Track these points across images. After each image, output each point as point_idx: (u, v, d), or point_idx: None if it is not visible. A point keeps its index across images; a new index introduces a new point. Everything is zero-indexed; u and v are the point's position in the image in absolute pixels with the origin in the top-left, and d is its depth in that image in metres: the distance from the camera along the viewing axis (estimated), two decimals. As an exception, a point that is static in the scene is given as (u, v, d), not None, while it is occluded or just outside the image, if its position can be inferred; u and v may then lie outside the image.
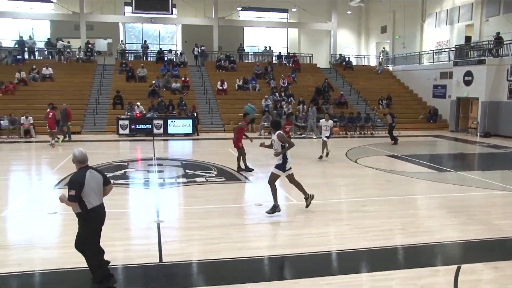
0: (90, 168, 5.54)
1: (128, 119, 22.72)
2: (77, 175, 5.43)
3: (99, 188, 5.52)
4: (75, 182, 5.33)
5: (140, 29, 38.87)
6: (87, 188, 5.33)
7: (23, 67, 27.61)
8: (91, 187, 5.38)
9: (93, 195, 5.41)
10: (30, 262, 6.37)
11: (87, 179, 5.37)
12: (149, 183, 11.72)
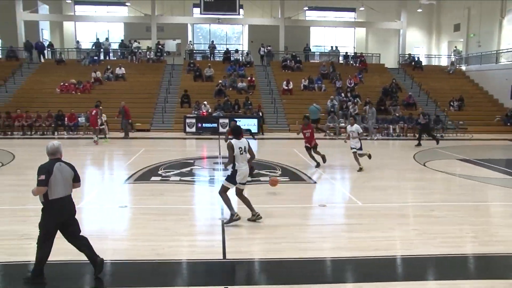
0: (60, 161, 5.71)
1: (195, 117, 23.28)
2: (45, 163, 5.65)
3: (65, 180, 5.64)
4: (44, 168, 5.52)
5: (208, 30, 39.73)
6: (53, 178, 5.50)
7: (99, 67, 29.13)
8: (57, 178, 5.53)
9: (58, 186, 5.55)
10: (102, 252, 6.68)
11: (55, 169, 5.54)
12: (214, 180, 11.94)
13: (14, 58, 31.11)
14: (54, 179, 5.51)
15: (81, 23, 38.35)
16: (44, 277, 5.72)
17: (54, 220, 5.62)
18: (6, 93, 26.51)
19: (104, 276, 6.00)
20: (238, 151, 7.85)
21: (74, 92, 26.44)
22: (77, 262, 6.11)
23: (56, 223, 5.65)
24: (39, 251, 5.65)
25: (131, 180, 11.68)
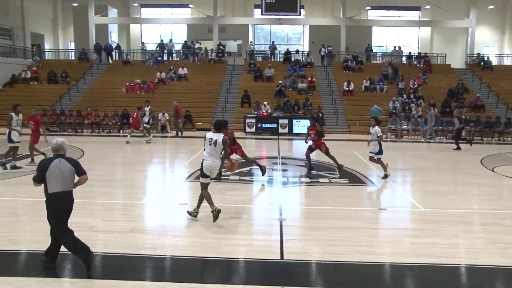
0: (62, 158, 5.87)
1: (255, 117, 23.47)
2: (45, 160, 6.00)
3: (63, 176, 5.77)
4: (40, 165, 5.84)
5: (269, 31, 39.93)
6: (49, 173, 5.69)
7: (163, 68, 30.07)
8: (54, 173, 5.70)
9: (55, 181, 5.71)
10: (163, 247, 6.91)
11: (52, 165, 5.73)
12: (273, 181, 11.98)
13: (85, 59, 32.79)
14: (50, 174, 5.72)
15: (147, 25, 39.78)
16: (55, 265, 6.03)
17: (54, 213, 5.86)
18: (78, 93, 27.97)
19: (164, 270, 6.20)
20: (208, 140, 7.89)
21: (139, 92, 27.45)
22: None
23: (57, 215, 5.87)
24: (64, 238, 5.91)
25: (191, 178, 11.95)
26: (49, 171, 5.72)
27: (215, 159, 8.04)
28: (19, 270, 6.14)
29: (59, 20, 39.52)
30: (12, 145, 12.83)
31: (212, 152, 7.96)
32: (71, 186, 5.93)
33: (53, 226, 5.91)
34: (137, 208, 9.11)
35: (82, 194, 10.12)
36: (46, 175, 5.71)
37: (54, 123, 23.49)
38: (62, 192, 5.79)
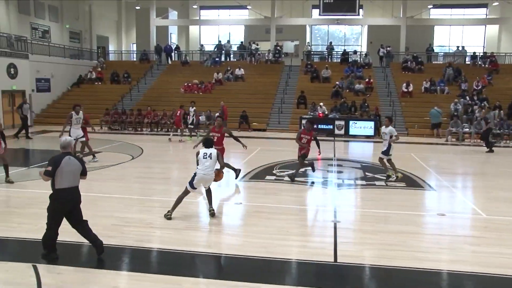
0: (70, 155, 6.22)
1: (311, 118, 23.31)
2: (56, 156, 6.16)
3: (73, 173, 6.13)
4: (53, 160, 6.08)
5: (326, 31, 39.55)
6: (59, 170, 5.99)
7: (220, 69, 30.51)
8: (64, 170, 6.02)
9: (64, 178, 6.04)
10: (217, 245, 7.02)
11: (63, 162, 6.03)
12: (328, 182, 11.86)
13: (146, 60, 33.91)
14: (60, 171, 6.03)
15: (205, 27, 40.57)
16: (57, 254, 6.30)
17: (58, 207, 6.16)
18: (138, 92, 28.97)
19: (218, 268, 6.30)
20: (202, 155, 8.26)
21: (196, 92, 28.00)
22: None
23: (60, 210, 6.18)
24: (46, 231, 6.23)
25: (246, 178, 12.07)
26: (59, 168, 6.04)
27: (210, 172, 8.34)
28: (80, 261, 6.44)
29: (123, 23, 41.15)
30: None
31: (207, 165, 8.27)
32: (78, 182, 6.31)
33: (48, 217, 6.21)
34: (193, 206, 9.30)
35: (141, 191, 10.53)
36: (57, 171, 6.04)
37: (116, 121, 24.41)
38: (70, 188, 6.15)
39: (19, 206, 9.02)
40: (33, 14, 30.37)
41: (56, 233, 6.26)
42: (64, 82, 30.03)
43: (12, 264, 6.12)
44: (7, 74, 23.85)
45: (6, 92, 23.94)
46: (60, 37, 32.92)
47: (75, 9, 34.41)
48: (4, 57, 23.71)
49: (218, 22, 39.21)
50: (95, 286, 5.54)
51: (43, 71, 27.44)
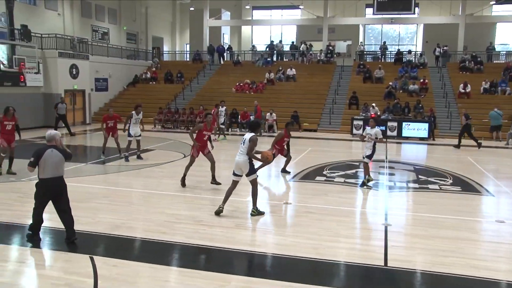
0: (53, 148, 6.68)
1: (363, 119, 22.94)
2: (39, 148, 6.69)
3: (55, 164, 6.62)
4: (36, 152, 6.63)
5: (380, 30, 38.79)
6: (42, 161, 6.53)
7: (272, 69, 30.60)
8: (47, 161, 6.54)
9: (47, 168, 6.56)
10: (265, 245, 7.05)
11: (46, 154, 6.56)
12: (379, 185, 11.64)
13: (199, 60, 34.55)
14: (44, 162, 6.55)
15: (257, 27, 40.81)
16: (39, 238, 6.93)
17: (42, 195, 6.71)
18: (191, 92, 29.55)
19: (266, 268, 6.32)
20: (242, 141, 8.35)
21: (248, 92, 28.23)
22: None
23: (44, 198, 6.74)
24: (32, 216, 6.84)
25: (296, 178, 12.04)
26: (42, 159, 6.56)
27: (241, 156, 8.32)
28: (133, 255, 6.66)
29: (177, 24, 42.14)
30: (130, 139, 14.09)
31: (241, 150, 8.34)
32: (62, 172, 6.78)
33: (35, 203, 6.81)
34: (242, 205, 9.38)
35: (191, 189, 10.74)
36: (39, 163, 6.56)
37: (169, 120, 25.02)
38: (53, 178, 6.65)
39: (77, 200, 9.39)
40: (94, 17, 31.73)
41: (42, 219, 6.88)
42: (121, 81, 31.16)
43: (72, 255, 6.42)
44: (70, 74, 25.02)
45: (68, 92, 25.10)
46: (118, 39, 34.16)
47: (132, 11, 35.58)
48: (67, 58, 24.90)
49: (270, 22, 39.34)
50: (147, 280, 5.71)
51: (101, 71, 28.63)
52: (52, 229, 7.57)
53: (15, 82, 22.16)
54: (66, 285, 5.47)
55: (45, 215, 6.95)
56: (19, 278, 5.79)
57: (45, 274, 5.89)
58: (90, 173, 12.33)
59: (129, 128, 14.12)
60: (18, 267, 6.17)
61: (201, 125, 10.78)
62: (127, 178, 11.83)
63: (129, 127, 14.13)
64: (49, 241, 7.11)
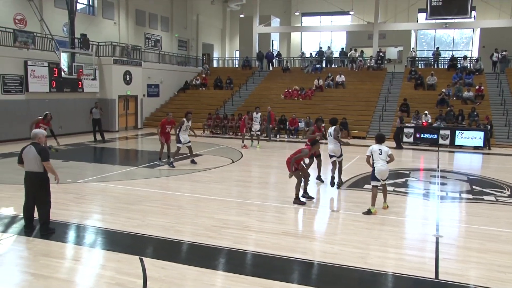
0: (32, 145, 7.37)
1: (413, 127, 22.36)
2: (24, 147, 7.47)
3: (30, 159, 7.27)
4: (20, 150, 7.48)
5: (433, 36, 37.75)
6: (23, 157, 7.36)
7: (321, 75, 30.41)
8: (25, 157, 7.34)
9: (26, 163, 7.35)
10: (312, 252, 6.99)
11: (25, 151, 7.36)
12: (430, 194, 11.30)
13: (248, 67, 34.86)
14: (24, 158, 7.37)
15: (307, 33, 40.72)
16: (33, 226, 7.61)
17: (24, 185, 7.50)
18: (240, 98, 29.83)
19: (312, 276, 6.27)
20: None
21: (296, 98, 28.17)
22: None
23: (26, 188, 7.49)
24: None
25: (344, 186, 11.89)
26: (23, 155, 7.37)
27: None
28: (181, 257, 6.78)
29: (227, 31, 42.76)
30: (180, 145, 14.27)
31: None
32: (36, 168, 7.31)
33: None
34: (289, 212, 9.38)
35: (239, 194, 10.83)
36: (22, 158, 7.36)
37: (218, 126, 25.34)
38: (28, 172, 7.36)
39: (128, 202, 9.73)
40: (147, 25, 32.76)
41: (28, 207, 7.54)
42: (171, 87, 31.91)
43: (123, 255, 6.62)
44: (123, 80, 25.89)
45: (122, 97, 25.97)
46: (170, 46, 35.06)
47: (183, 19, 36.43)
48: (122, 65, 25.79)
49: (320, 29, 39.14)
50: (194, 283, 5.80)
51: (153, 77, 29.47)
52: (105, 229, 7.85)
53: (73, 88, 23.20)
54: (118, 284, 5.65)
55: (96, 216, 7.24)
56: (74, 276, 6.05)
57: (99, 273, 6.10)
58: (141, 177, 12.68)
59: (178, 135, 14.31)
60: (73, 264, 6.45)
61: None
62: (177, 183, 12.08)
63: (178, 133, 14.31)
64: (102, 241, 7.36)
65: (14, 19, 22.06)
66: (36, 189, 7.40)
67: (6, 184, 11.30)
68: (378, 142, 9.32)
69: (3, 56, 19.71)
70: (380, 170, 9.13)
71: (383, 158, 9.12)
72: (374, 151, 9.23)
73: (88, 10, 28.02)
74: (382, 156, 9.10)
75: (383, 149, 9.15)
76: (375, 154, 9.18)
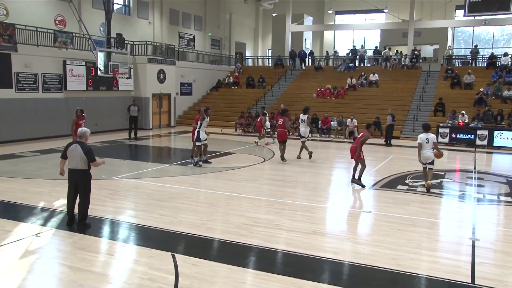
0: (78, 143, 7.61)
1: (449, 127, 21.84)
2: (69, 143, 7.76)
3: (76, 157, 7.51)
4: (65, 146, 7.75)
5: (471, 33, 36.70)
6: (68, 154, 7.61)
7: (354, 74, 30.06)
8: (70, 155, 7.58)
9: (70, 160, 7.59)
10: (343, 253, 6.92)
11: (70, 148, 7.59)
12: (466, 196, 11.01)
13: (280, 65, 34.80)
14: (69, 155, 7.61)
15: (340, 31, 40.31)
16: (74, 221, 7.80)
17: (68, 181, 7.71)
18: (272, 97, 29.81)
19: (343, 276, 6.21)
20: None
21: (329, 97, 27.94)
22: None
23: (69, 184, 7.69)
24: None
25: (376, 186, 11.73)
26: (68, 151, 7.61)
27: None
28: (212, 255, 6.83)
29: (260, 30, 42.83)
30: (199, 144, 13.90)
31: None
32: (80, 166, 7.54)
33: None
34: (321, 211, 9.32)
35: (271, 193, 10.84)
36: (67, 154, 7.62)
37: (250, 124, 25.38)
38: (72, 169, 7.59)
39: (161, 199, 9.87)
40: (181, 24, 33.17)
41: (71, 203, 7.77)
42: (204, 86, 32.19)
43: (155, 251, 6.72)
44: (157, 79, 26.30)
45: (155, 95, 26.38)
46: (203, 44, 35.38)
47: (216, 18, 36.70)
48: (156, 64, 26.20)
49: (353, 27, 38.71)
50: (225, 280, 5.83)
51: (186, 76, 29.81)
52: (138, 225, 7.99)
53: (109, 87, 23.73)
54: (150, 279, 5.75)
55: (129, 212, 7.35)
56: (108, 270, 6.18)
57: (132, 267, 6.22)
58: (174, 174, 12.85)
59: (198, 133, 13.81)
60: (108, 259, 6.59)
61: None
62: (208, 180, 12.17)
63: (199, 131, 13.81)
64: (135, 237, 7.50)
65: (55, 20, 22.76)
66: (79, 185, 7.63)
67: (45, 179, 11.66)
68: (425, 131, 10.90)
69: (44, 56, 20.34)
70: (424, 156, 10.88)
71: (429, 145, 10.78)
72: (422, 140, 10.85)
73: (124, 10, 28.59)
74: (428, 144, 10.78)
75: (430, 137, 10.78)
76: (423, 142, 10.79)
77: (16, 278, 5.75)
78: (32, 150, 16.71)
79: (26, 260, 6.36)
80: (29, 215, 8.52)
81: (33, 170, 13.03)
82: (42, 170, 13.03)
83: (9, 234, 7.39)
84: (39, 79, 20.12)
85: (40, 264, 6.26)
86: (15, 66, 19.05)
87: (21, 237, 7.29)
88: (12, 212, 8.76)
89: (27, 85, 19.66)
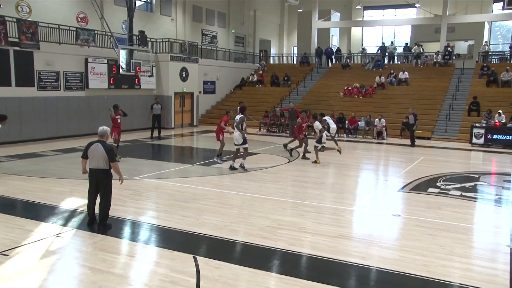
0: (99, 142, 7.49)
1: (485, 127, 21.00)
2: (89, 142, 7.63)
3: (97, 157, 7.41)
4: (86, 146, 7.64)
5: (510, 28, 35.29)
6: (89, 153, 7.51)
7: (383, 72, 29.37)
8: (91, 154, 7.48)
9: (91, 160, 7.51)
10: (369, 257, 6.63)
11: (91, 147, 7.50)
12: (502, 200, 10.50)
13: (306, 63, 34.33)
14: (90, 155, 7.50)
15: (368, 28, 39.55)
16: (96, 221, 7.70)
17: (89, 183, 7.63)
18: (297, 96, 29.41)
19: (370, 281, 5.93)
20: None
21: (357, 96, 27.39)
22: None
23: (90, 184, 7.59)
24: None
25: (406, 189, 11.33)
26: (89, 151, 7.51)
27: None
28: (235, 258, 6.62)
29: (285, 26, 42.40)
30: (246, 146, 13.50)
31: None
32: (103, 165, 7.44)
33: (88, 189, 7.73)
34: (347, 214, 9.02)
35: (295, 194, 10.58)
36: (88, 154, 7.51)
37: (274, 124, 25.12)
38: (94, 169, 7.49)
39: (183, 200, 9.73)
40: (204, 21, 33.11)
41: (92, 203, 7.69)
42: (228, 84, 31.98)
43: (177, 253, 6.57)
44: (180, 77, 26.24)
45: (178, 94, 26.34)
46: (226, 42, 35.23)
47: (240, 14, 36.48)
48: (178, 62, 26.14)
49: (383, 23, 37.76)
50: (247, 284, 5.65)
51: (209, 74, 29.67)
52: (159, 227, 7.86)
53: (131, 85, 23.68)
54: (171, 282, 5.60)
55: (151, 213, 7.21)
56: (129, 271, 6.06)
57: (153, 269, 6.09)
58: (196, 174, 12.71)
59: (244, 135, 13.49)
60: (128, 260, 6.48)
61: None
62: (231, 181, 11.99)
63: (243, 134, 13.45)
64: (156, 238, 7.37)
65: (77, 17, 22.80)
66: (100, 184, 7.55)
67: (66, 178, 11.68)
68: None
69: (66, 54, 20.40)
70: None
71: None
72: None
73: (146, 7, 28.65)
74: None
75: None
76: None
77: (37, 278, 5.69)
78: (54, 149, 16.81)
79: (47, 260, 6.29)
80: (50, 215, 8.50)
81: (55, 169, 13.09)
82: (63, 169, 13.08)
83: (30, 234, 7.36)
84: (61, 77, 20.18)
85: (60, 264, 6.19)
86: (37, 64, 19.10)
87: (42, 237, 7.25)
88: (33, 212, 8.76)
89: (49, 83, 19.73)
